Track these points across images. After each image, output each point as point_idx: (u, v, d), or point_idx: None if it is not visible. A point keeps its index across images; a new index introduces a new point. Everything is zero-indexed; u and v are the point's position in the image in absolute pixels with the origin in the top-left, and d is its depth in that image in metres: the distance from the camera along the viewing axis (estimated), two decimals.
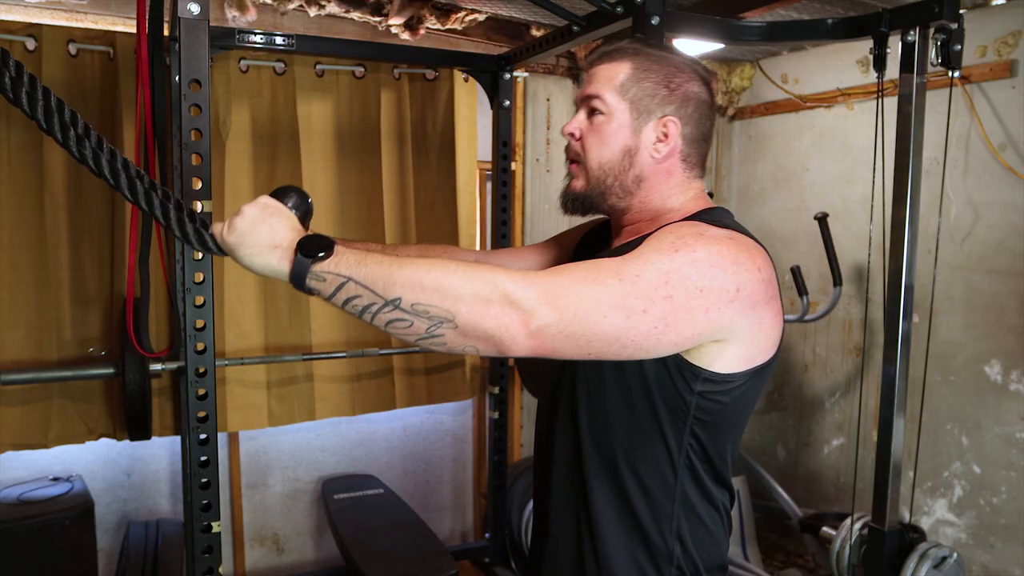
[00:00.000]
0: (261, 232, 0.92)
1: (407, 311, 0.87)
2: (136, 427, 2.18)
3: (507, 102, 2.86)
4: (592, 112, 1.12)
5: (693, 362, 1.00)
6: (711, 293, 0.94)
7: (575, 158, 1.15)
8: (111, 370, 2.16)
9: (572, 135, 1.14)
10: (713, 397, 1.03)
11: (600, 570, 1.11)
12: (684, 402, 1.03)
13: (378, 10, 2.69)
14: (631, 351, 0.93)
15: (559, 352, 0.90)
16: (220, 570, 1.88)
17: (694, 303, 0.93)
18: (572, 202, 1.16)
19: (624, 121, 1.09)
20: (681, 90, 1.10)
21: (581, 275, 0.92)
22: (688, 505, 1.09)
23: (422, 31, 2.75)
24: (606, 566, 1.10)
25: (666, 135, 1.09)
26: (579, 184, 1.14)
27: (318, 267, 0.89)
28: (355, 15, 2.69)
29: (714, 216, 1.07)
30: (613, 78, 1.10)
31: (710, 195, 1.26)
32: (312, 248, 0.89)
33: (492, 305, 0.87)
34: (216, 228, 0.95)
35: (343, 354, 2.59)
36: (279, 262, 0.91)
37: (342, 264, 0.89)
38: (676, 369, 1.01)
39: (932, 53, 2.00)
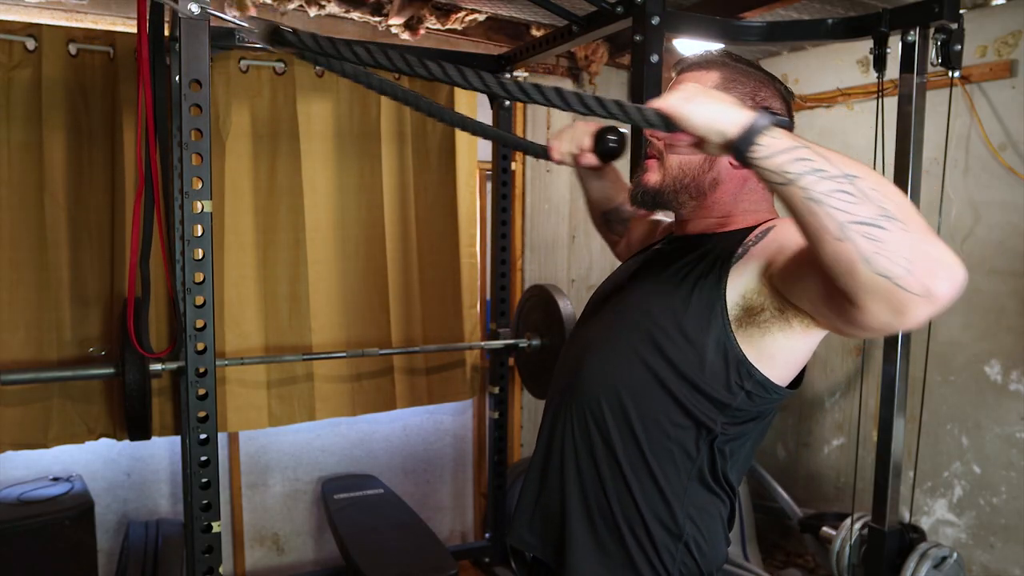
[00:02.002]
0: (714, 93, 0.92)
1: (860, 189, 0.81)
2: (136, 427, 2.18)
3: (507, 102, 2.86)
4: None
5: (753, 361, 1.03)
6: None
7: (655, 155, 1.18)
8: (111, 370, 2.16)
9: (654, 135, 1.17)
10: (754, 399, 1.06)
11: (602, 529, 1.12)
12: (730, 393, 1.05)
13: (378, 10, 2.69)
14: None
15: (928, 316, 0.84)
16: (220, 570, 1.88)
17: None
18: (643, 195, 1.19)
19: None
20: (765, 104, 1.15)
21: None
22: (704, 488, 1.11)
23: (422, 31, 2.75)
24: (610, 526, 1.11)
25: None
26: (654, 178, 1.17)
27: (777, 128, 0.87)
28: (355, 15, 2.69)
29: None
30: (701, 84, 1.13)
31: None
32: (772, 112, 0.90)
33: (940, 241, 0.81)
34: (654, 103, 0.93)
35: (343, 354, 2.59)
36: (735, 111, 0.89)
37: (797, 137, 0.87)
38: (735, 364, 1.04)
39: (932, 53, 2.00)
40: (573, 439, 1.16)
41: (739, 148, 0.87)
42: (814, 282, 0.90)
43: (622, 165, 1.46)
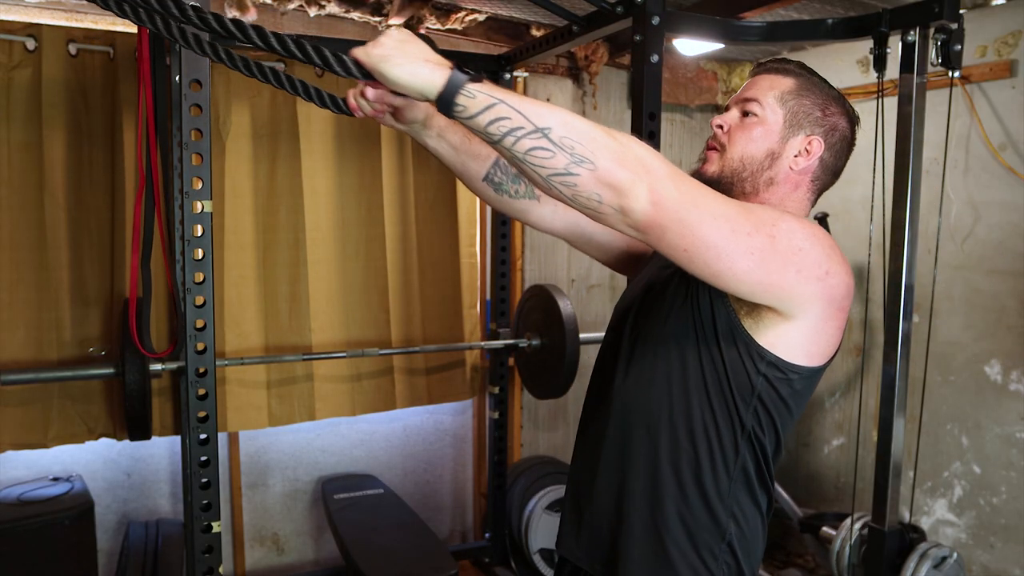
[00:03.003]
0: (411, 47, 0.92)
1: (554, 142, 0.89)
2: (136, 427, 2.18)
3: None
4: (746, 113, 1.18)
5: (760, 342, 1.06)
6: (807, 258, 1.01)
7: (716, 146, 1.20)
8: (111, 370, 2.16)
9: (720, 127, 1.19)
10: (775, 384, 1.08)
11: (649, 535, 1.13)
12: (751, 382, 1.08)
13: (378, 10, 2.69)
14: (721, 267, 0.96)
15: (665, 233, 0.93)
16: (220, 570, 1.88)
17: (790, 257, 1.00)
18: None
19: (775, 127, 1.16)
20: (833, 119, 1.18)
21: (704, 187, 0.98)
22: (746, 485, 1.12)
23: (422, 31, 2.75)
24: (656, 534, 1.13)
25: (808, 151, 1.16)
26: (712, 168, 1.19)
27: (473, 84, 0.90)
28: (355, 15, 2.69)
29: None
30: (775, 87, 1.17)
31: None
32: (467, 69, 0.91)
33: (628, 162, 0.91)
34: (355, 51, 0.94)
35: (343, 354, 2.59)
36: (431, 72, 0.90)
37: (495, 89, 0.91)
38: (745, 348, 1.07)
39: (932, 53, 2.00)
40: (619, 455, 1.18)
41: (443, 110, 0.91)
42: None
43: None
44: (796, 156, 1.16)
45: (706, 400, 1.10)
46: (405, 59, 0.90)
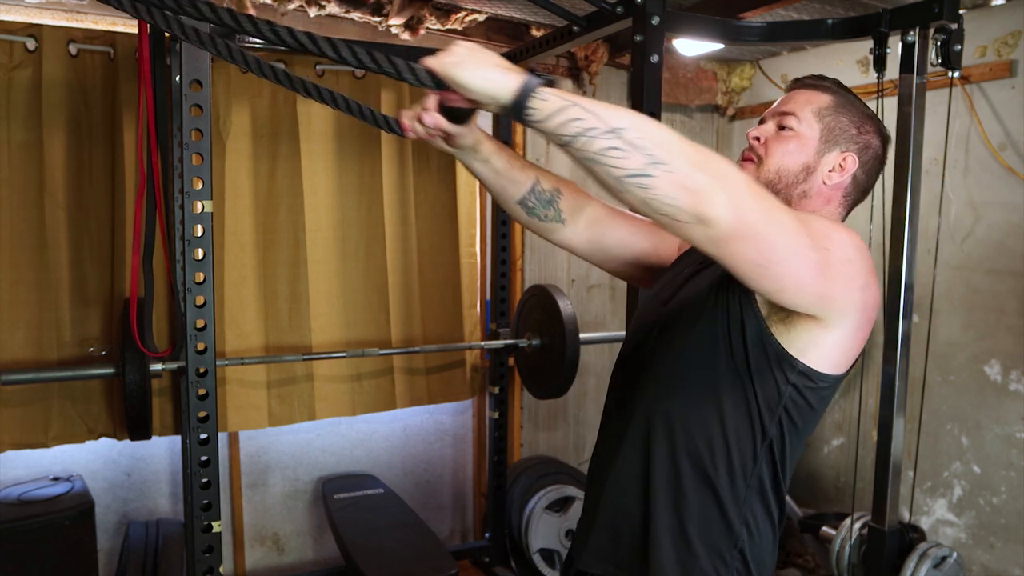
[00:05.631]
0: (483, 56, 0.93)
1: (627, 142, 0.87)
2: (136, 427, 2.18)
3: None
4: (783, 127, 1.20)
5: (791, 351, 1.07)
6: (853, 268, 1.03)
7: (752, 157, 1.21)
8: (111, 370, 2.16)
9: (756, 139, 1.21)
10: (804, 393, 1.09)
11: (666, 538, 1.13)
12: (778, 392, 1.08)
13: (378, 10, 2.69)
14: (788, 282, 0.98)
15: (742, 245, 0.92)
16: (220, 570, 1.89)
17: (842, 268, 1.01)
18: None
19: (811, 142, 1.18)
20: (867, 137, 1.20)
21: (774, 198, 0.97)
22: (761, 493, 1.13)
23: (422, 31, 2.75)
24: (672, 534, 1.13)
25: (843, 167, 1.18)
26: None
27: (546, 88, 0.90)
28: (355, 15, 2.69)
29: None
30: (813, 103, 1.20)
31: None
32: (540, 73, 0.92)
33: (708, 168, 0.89)
34: (426, 60, 0.94)
35: (343, 354, 2.59)
36: (505, 76, 0.91)
37: (567, 92, 0.91)
38: (776, 359, 1.07)
39: (932, 53, 2.00)
40: (641, 458, 1.18)
41: (515, 114, 0.90)
42: None
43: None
44: (830, 171, 1.18)
45: (731, 408, 1.10)
46: (477, 63, 0.92)
